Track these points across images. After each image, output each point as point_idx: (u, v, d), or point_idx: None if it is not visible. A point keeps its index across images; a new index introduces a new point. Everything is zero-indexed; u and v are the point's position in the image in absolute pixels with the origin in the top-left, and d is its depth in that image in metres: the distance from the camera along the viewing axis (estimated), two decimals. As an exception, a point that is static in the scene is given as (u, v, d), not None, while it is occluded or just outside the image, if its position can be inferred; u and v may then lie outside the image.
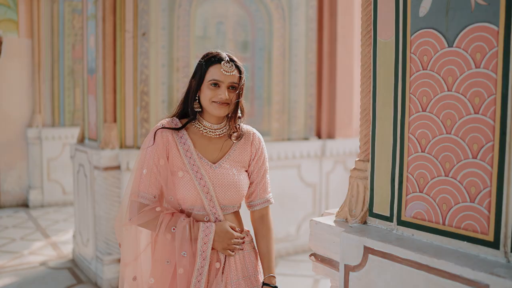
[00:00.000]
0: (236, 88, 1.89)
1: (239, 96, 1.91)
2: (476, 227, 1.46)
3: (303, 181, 5.40)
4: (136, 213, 1.88)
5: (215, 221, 1.91)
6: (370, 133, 1.81)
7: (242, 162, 1.98)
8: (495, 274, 1.32)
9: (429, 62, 1.56)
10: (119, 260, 4.29)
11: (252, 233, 2.13)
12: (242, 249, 1.97)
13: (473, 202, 1.47)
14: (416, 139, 1.62)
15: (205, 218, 1.92)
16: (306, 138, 5.53)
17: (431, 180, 1.58)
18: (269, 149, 5.08)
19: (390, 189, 1.73)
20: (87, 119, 4.72)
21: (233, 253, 1.93)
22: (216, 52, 1.90)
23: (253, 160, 2.00)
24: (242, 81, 1.91)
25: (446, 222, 1.54)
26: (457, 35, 1.47)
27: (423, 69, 1.58)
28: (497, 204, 1.40)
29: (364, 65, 1.83)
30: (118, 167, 4.25)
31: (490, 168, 1.42)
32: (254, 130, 2.06)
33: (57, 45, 7.29)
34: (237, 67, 1.91)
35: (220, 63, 1.86)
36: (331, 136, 5.65)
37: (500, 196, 1.40)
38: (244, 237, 1.99)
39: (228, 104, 1.87)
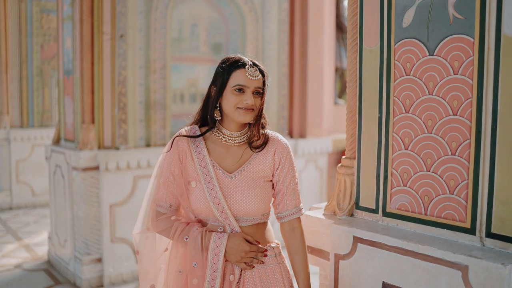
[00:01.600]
0: (260, 93, 1.80)
1: (263, 101, 1.83)
2: (455, 216, 1.64)
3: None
4: (153, 221, 1.84)
5: (231, 232, 1.80)
6: (357, 133, 1.97)
7: (262, 171, 1.83)
8: (473, 256, 1.50)
9: (412, 68, 1.73)
10: (98, 260, 4.34)
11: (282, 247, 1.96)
12: (263, 263, 1.82)
13: (452, 194, 1.64)
14: (400, 138, 1.79)
15: (218, 229, 1.81)
16: (278, 138, 5.68)
17: (414, 174, 1.75)
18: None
19: (375, 184, 1.89)
20: (63, 120, 4.73)
21: (249, 267, 1.80)
22: (238, 57, 1.80)
23: (277, 169, 1.85)
24: (266, 86, 1.83)
25: (428, 212, 1.72)
26: (437, 44, 1.65)
27: (406, 75, 1.75)
28: (474, 195, 1.59)
29: (350, 70, 1.98)
30: (97, 168, 4.28)
31: (467, 163, 1.60)
32: (280, 138, 1.90)
33: (25, 45, 7.20)
34: (261, 71, 1.81)
35: (244, 67, 1.76)
36: (302, 135, 5.83)
37: (476, 188, 1.58)
38: (265, 251, 1.83)
39: (253, 109, 1.77)
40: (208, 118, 1.84)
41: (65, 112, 4.69)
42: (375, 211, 1.91)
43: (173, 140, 1.85)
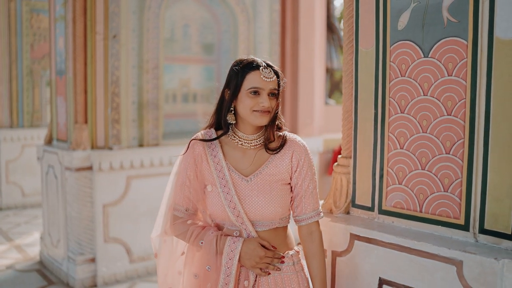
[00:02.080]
0: (275, 94, 1.76)
1: (279, 103, 1.79)
2: (449, 213, 1.70)
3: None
4: (170, 225, 1.84)
5: (247, 237, 1.76)
6: (352, 132, 2.02)
7: (279, 174, 1.78)
8: (467, 251, 1.55)
9: (407, 69, 1.78)
10: (91, 260, 4.34)
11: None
12: (279, 270, 1.76)
13: (447, 192, 1.70)
14: (396, 137, 1.84)
15: (234, 234, 1.77)
16: (270, 137, 5.73)
17: (409, 173, 1.80)
18: (236, 148, 5.26)
19: (371, 182, 1.94)
20: (56, 120, 4.72)
21: (264, 273, 1.74)
22: (251, 58, 1.76)
23: (295, 172, 1.79)
24: (281, 87, 1.79)
25: (423, 210, 1.77)
26: (432, 47, 1.70)
27: (401, 76, 1.80)
28: (467, 192, 1.64)
29: (346, 71, 2.03)
30: (90, 168, 4.28)
31: (461, 162, 1.65)
32: (298, 139, 1.85)
33: (15, 45, 7.15)
34: (275, 72, 1.77)
35: (258, 69, 1.71)
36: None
37: (470, 185, 1.63)
38: (282, 257, 1.77)
39: (269, 112, 1.72)
40: (222, 122, 1.80)
41: (58, 112, 4.69)
42: (371, 209, 1.95)
43: (189, 144, 1.82)
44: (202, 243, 1.76)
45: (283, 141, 1.81)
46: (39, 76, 7.40)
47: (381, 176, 1.90)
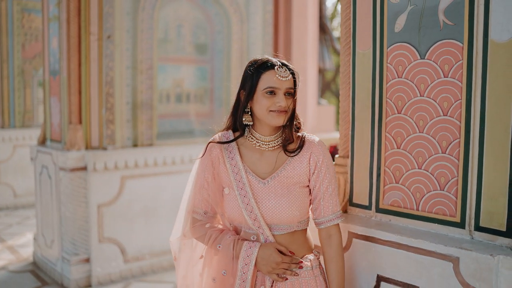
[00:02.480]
0: (292, 94, 1.72)
1: (295, 102, 1.75)
2: (446, 211, 1.74)
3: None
4: (189, 228, 1.84)
5: (265, 241, 1.73)
6: (350, 132, 2.05)
7: (297, 177, 1.73)
8: (464, 248, 1.59)
9: (404, 71, 1.82)
10: (86, 260, 4.35)
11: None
12: (297, 275, 1.72)
13: (443, 190, 1.74)
14: (393, 137, 1.88)
15: (251, 238, 1.75)
16: (263, 137, 5.76)
17: (406, 172, 1.84)
18: (229, 148, 5.28)
19: (368, 181, 1.98)
20: (49, 121, 4.71)
21: (280, 279, 1.70)
22: (266, 58, 1.72)
23: (313, 174, 1.73)
24: (298, 85, 1.75)
25: (420, 208, 1.81)
26: (428, 49, 1.74)
27: (398, 77, 1.84)
28: (463, 191, 1.68)
29: (344, 73, 2.06)
30: (84, 168, 4.29)
31: (457, 161, 1.69)
32: (317, 140, 1.78)
33: (6, 44, 7.12)
34: (291, 71, 1.72)
35: (273, 68, 1.67)
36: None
37: (465, 184, 1.68)
38: (300, 262, 1.73)
39: (286, 111, 1.69)
40: (237, 124, 1.77)
41: (51, 113, 4.68)
42: (368, 207, 1.99)
43: (207, 146, 1.80)
44: (219, 247, 1.74)
45: (302, 142, 1.76)
46: (30, 76, 7.37)
47: (378, 175, 1.93)
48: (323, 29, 7.05)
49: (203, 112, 5.34)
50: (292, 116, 1.74)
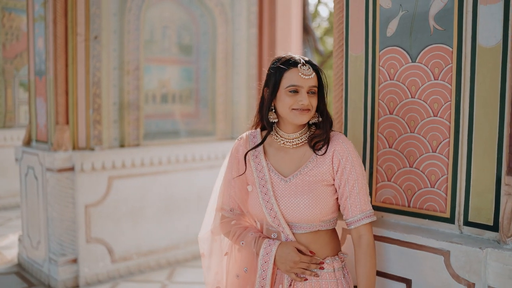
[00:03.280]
0: (315, 92, 1.70)
1: (320, 100, 1.73)
2: (436, 207, 1.83)
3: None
4: (216, 225, 1.88)
5: (285, 239, 1.72)
6: (343, 132, 2.12)
7: (320, 175, 1.70)
8: (454, 242, 1.68)
9: (396, 73, 1.90)
10: (73, 260, 4.34)
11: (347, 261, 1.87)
12: (317, 276, 1.70)
13: (433, 187, 1.82)
14: (385, 137, 1.96)
15: (272, 235, 1.75)
16: (248, 137, 5.82)
17: (397, 171, 1.93)
18: (214, 148, 5.33)
19: (361, 179, 2.05)
20: (35, 121, 4.69)
21: (299, 278, 1.69)
22: (289, 56, 1.71)
23: (337, 173, 1.70)
24: (324, 82, 1.73)
25: (411, 205, 1.90)
26: (419, 52, 1.82)
27: (390, 80, 1.92)
28: (453, 188, 1.77)
29: (337, 75, 2.13)
30: (71, 169, 4.28)
31: (446, 159, 1.78)
32: (342, 139, 1.73)
33: (-13, 44, 7.04)
34: (315, 68, 1.71)
35: (296, 66, 1.66)
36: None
37: (455, 181, 1.76)
38: (321, 263, 1.71)
39: (309, 110, 1.67)
40: (264, 122, 1.76)
41: (37, 113, 4.66)
42: (361, 204, 2.06)
43: (235, 145, 1.85)
44: (242, 243, 1.76)
45: (327, 140, 1.73)
46: (11, 76, 7.29)
47: (371, 174, 2.01)
48: (306, 30, 7.15)
49: (189, 112, 5.37)
50: (325, 114, 1.74)
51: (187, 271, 4.75)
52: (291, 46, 6.02)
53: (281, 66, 1.68)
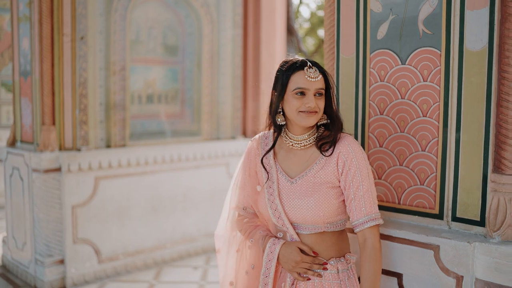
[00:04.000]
0: (322, 94, 1.72)
1: (328, 101, 1.76)
2: (425, 204, 1.90)
3: (231, 178, 5.72)
4: (231, 222, 1.94)
5: (290, 239, 1.76)
6: (334, 132, 2.19)
7: (325, 177, 1.71)
8: (443, 237, 1.75)
9: (386, 75, 1.97)
10: (60, 261, 4.33)
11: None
12: (320, 276, 1.71)
13: (423, 185, 1.90)
14: (375, 136, 2.03)
15: (278, 234, 1.79)
16: (233, 137, 5.86)
17: (388, 169, 2.00)
18: (200, 148, 5.36)
19: (352, 178, 2.12)
20: (20, 122, 4.66)
21: (301, 278, 1.72)
22: (295, 59, 1.73)
23: (341, 175, 1.70)
24: (333, 85, 1.76)
25: (401, 202, 1.97)
26: (409, 55, 1.90)
27: (380, 81, 1.99)
28: (441, 185, 1.85)
29: (328, 76, 2.19)
30: (58, 169, 4.26)
31: (435, 158, 1.86)
32: (348, 141, 1.73)
33: (-33, 44, 6.95)
34: (322, 71, 1.73)
35: (303, 69, 1.69)
36: (256, 135, 6.03)
37: (443, 179, 1.84)
38: (324, 264, 1.72)
39: (316, 112, 1.69)
40: (273, 124, 1.81)
41: (22, 114, 4.63)
42: (352, 202, 2.13)
43: (248, 146, 1.92)
44: (252, 241, 1.83)
45: (334, 141, 1.74)
46: (-7, 76, 7.20)
47: (362, 172, 2.08)
48: (290, 31, 7.22)
49: (174, 112, 5.39)
50: (335, 115, 1.76)
51: (174, 271, 4.77)
52: (275, 46, 6.08)
53: (288, 69, 1.71)
